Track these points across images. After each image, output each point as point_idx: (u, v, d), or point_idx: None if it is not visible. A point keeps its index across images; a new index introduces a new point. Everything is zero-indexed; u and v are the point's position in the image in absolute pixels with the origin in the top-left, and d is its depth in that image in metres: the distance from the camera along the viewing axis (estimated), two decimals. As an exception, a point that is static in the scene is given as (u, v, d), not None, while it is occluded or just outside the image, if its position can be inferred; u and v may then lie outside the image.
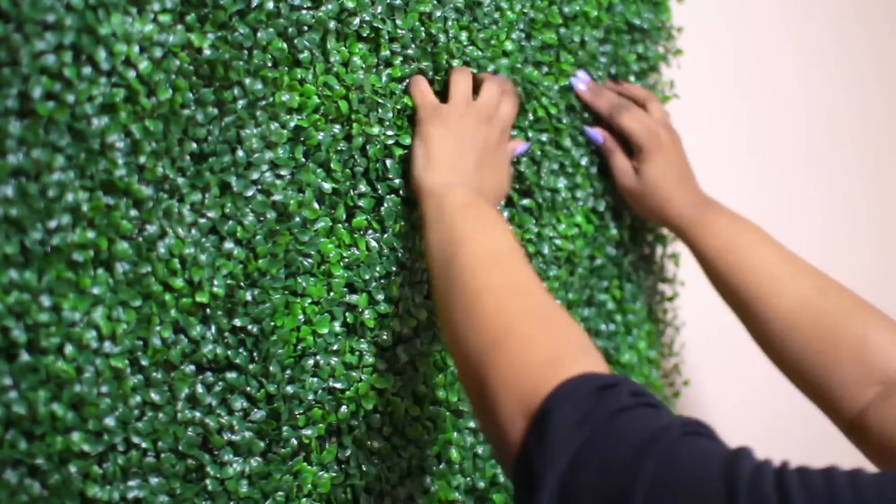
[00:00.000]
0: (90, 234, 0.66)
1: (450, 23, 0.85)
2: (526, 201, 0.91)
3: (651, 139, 0.92)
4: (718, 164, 1.27)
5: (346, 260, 0.79)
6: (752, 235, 0.88)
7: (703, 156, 1.22)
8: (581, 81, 0.94)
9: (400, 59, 0.83)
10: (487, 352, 0.62)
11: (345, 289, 0.79)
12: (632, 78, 1.00)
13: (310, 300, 0.77)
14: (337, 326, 0.79)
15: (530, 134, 0.91)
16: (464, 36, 0.86)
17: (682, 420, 0.56)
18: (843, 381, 0.77)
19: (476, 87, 0.86)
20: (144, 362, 0.69)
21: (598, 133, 0.94)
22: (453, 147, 0.79)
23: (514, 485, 0.59)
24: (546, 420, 0.56)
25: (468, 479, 0.86)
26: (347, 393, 0.78)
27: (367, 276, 0.80)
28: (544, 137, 0.92)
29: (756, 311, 0.84)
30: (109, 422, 0.67)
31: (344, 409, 0.78)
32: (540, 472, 0.55)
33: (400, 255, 0.82)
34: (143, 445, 0.69)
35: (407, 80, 0.83)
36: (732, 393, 1.22)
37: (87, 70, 0.66)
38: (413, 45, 0.83)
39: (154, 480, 0.70)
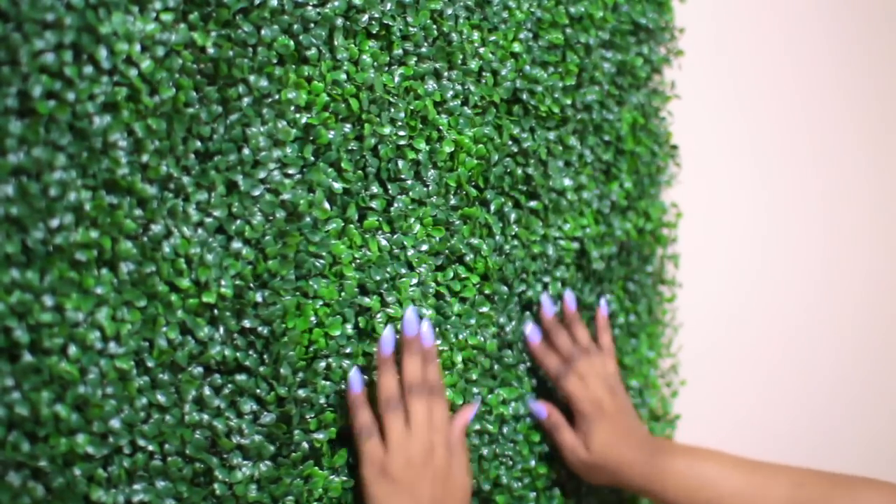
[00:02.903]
0: (93, 234, 0.66)
1: (461, 21, 0.84)
2: (533, 203, 0.89)
3: (592, 408, 0.89)
4: (718, 164, 1.24)
5: (358, 261, 0.78)
6: (711, 465, 0.86)
7: (703, 156, 1.20)
8: (534, 335, 0.91)
9: (414, 58, 0.81)
10: None
11: (356, 290, 0.78)
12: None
13: (321, 302, 0.76)
14: (349, 329, 0.77)
15: (538, 132, 0.89)
16: (476, 35, 0.85)
17: None
18: None
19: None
20: (150, 364, 0.68)
21: (542, 408, 0.91)
22: (408, 502, 0.76)
23: None
24: None
25: (473, 480, 0.84)
26: (359, 395, 0.77)
27: (378, 278, 0.79)
28: (552, 136, 0.90)
29: None
30: (114, 424, 0.67)
31: (355, 411, 0.77)
32: None
33: (409, 255, 0.81)
34: (150, 448, 0.68)
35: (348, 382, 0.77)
36: (728, 393, 1.20)
37: (88, 69, 0.65)
38: (426, 44, 0.82)
39: (160, 484, 0.69)
